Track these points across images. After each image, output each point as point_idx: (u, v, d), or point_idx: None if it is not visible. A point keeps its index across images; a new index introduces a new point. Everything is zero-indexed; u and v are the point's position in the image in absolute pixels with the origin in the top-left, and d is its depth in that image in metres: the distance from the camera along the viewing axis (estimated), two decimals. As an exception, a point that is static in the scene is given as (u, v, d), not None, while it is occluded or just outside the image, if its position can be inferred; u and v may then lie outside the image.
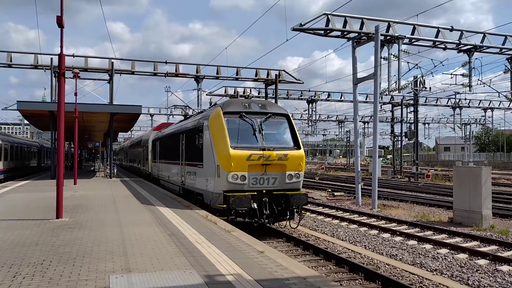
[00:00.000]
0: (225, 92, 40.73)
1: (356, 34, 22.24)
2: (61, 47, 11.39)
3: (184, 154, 16.69)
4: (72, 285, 5.56)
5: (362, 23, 22.02)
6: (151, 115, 64.00)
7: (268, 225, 13.32)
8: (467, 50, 26.42)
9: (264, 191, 12.49)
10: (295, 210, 12.87)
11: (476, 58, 27.49)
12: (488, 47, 26.15)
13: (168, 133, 21.48)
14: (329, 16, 20.89)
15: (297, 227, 13.60)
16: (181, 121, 21.77)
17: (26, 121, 54.88)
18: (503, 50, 27.59)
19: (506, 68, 30.19)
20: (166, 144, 22.07)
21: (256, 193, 12.30)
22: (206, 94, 39.41)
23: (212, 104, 26.37)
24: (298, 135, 13.52)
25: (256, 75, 36.41)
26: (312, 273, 6.28)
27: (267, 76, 36.45)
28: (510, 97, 35.17)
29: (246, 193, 12.03)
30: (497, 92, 36.52)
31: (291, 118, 13.74)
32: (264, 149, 12.36)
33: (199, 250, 7.58)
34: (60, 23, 11.02)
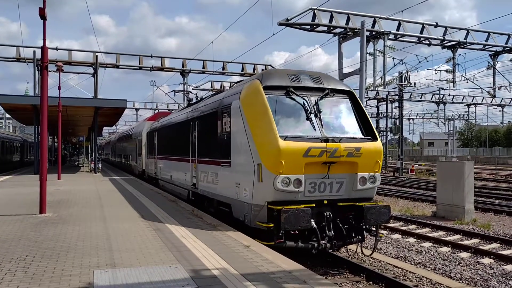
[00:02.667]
0: (211, 86, 40.58)
1: (342, 30, 22.34)
2: (44, 39, 11.20)
3: (197, 148, 12.85)
4: (55, 281, 5.50)
5: (348, 19, 22.12)
6: (137, 110, 63.49)
7: (331, 251, 9.30)
8: (451, 46, 26.74)
9: (325, 202, 8.73)
10: (367, 228, 9.05)
11: (460, 54, 27.93)
12: (472, 44, 26.52)
13: (171, 122, 17.37)
14: (315, 11, 20.93)
15: (372, 253, 9.50)
16: (189, 105, 17.00)
17: (8, 115, 53.97)
18: (486, 47, 28.01)
19: (489, 64, 30.69)
20: (167, 136, 17.98)
21: (314, 204, 8.47)
22: (192, 89, 39.20)
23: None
24: (370, 120, 9.68)
25: (242, 70, 36.36)
26: (297, 267, 6.31)
27: (254, 71, 36.41)
28: (492, 93, 35.77)
29: (302, 205, 8.23)
30: (480, 88, 37.14)
31: (357, 97, 9.88)
32: (326, 140, 8.56)
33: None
34: (42, 15, 10.82)
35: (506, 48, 28.13)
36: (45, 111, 11.25)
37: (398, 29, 23.35)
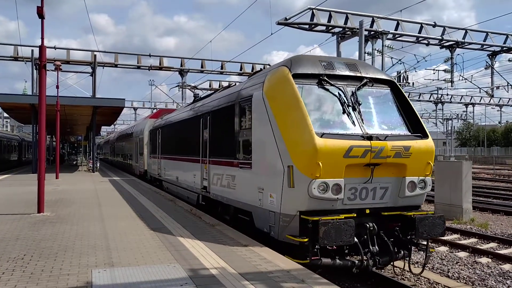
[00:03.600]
0: (210, 86, 40.57)
1: (341, 29, 22.33)
2: (42, 38, 11.18)
3: (209, 147, 11.41)
4: (53, 280, 5.49)
5: (347, 18, 22.12)
6: (135, 109, 63.35)
7: (374, 269, 7.81)
8: (449, 46, 26.78)
9: (367, 211, 7.44)
10: (414, 242, 7.78)
11: (458, 54, 27.99)
12: (470, 43, 26.56)
13: (177, 119, 15.88)
14: (314, 10, 20.93)
15: (422, 272, 8.07)
16: (196, 100, 15.59)
17: (6, 114, 53.85)
18: (484, 47, 28.03)
19: (487, 64, 30.74)
20: (173, 134, 16.60)
21: (355, 214, 7.23)
22: (190, 89, 39.18)
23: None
24: (417, 114, 8.32)
25: (241, 69, 36.34)
26: (295, 266, 6.32)
27: (252, 70, 36.40)
28: (490, 92, 35.82)
29: (342, 216, 6.99)
30: (478, 88, 37.18)
31: (400, 87, 8.54)
32: (370, 138, 7.26)
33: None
34: (40, 13, 10.81)
35: (504, 48, 28.18)
36: (43, 110, 11.23)
37: (396, 29, 23.38)
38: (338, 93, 7.78)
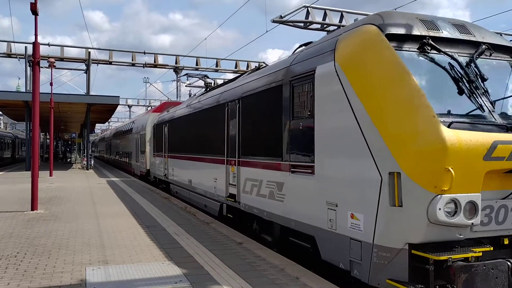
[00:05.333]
0: (205, 83, 40.51)
1: (336, 27, 22.35)
2: (36, 35, 11.12)
3: (238, 143, 8.99)
4: (47, 277, 5.47)
5: (342, 16, 22.14)
6: (129, 106, 63.24)
7: None
8: (443, 44, 26.90)
9: (505, 242, 5.02)
10: None
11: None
12: (464, 42, 26.66)
13: (192, 110, 13.30)
14: (308, 8, 20.92)
15: None
16: (211, 89, 13.67)
17: (-1, 111, 53.52)
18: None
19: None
20: (185, 128, 13.97)
21: (491, 248, 4.87)
22: (186, 86, 39.13)
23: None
24: None
25: (236, 67, 36.30)
26: (290, 263, 6.33)
27: (247, 68, 36.37)
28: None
29: (477, 251, 4.70)
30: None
31: None
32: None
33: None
34: (34, 10, 10.74)
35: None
36: (37, 107, 11.17)
37: (391, 27, 23.45)
38: (450, 63, 5.39)
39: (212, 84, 16.45)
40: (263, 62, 38.53)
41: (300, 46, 8.08)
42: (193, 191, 12.72)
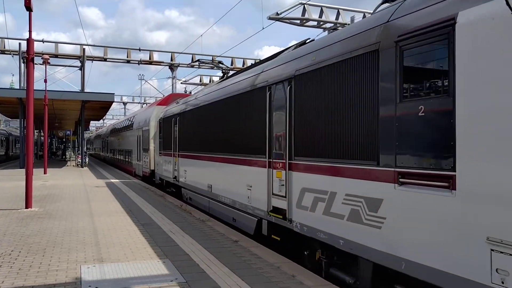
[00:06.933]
0: (200, 80, 40.51)
1: (332, 25, 22.36)
2: (30, 31, 11.03)
3: (290, 140, 6.77)
4: (42, 276, 5.43)
5: (338, 14, 22.14)
6: (124, 104, 63.00)
7: None
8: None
9: None
10: None
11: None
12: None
13: (213, 98, 10.85)
14: (305, 5, 20.91)
15: None
16: (231, 75, 12.20)
17: (-7, 108, 53.18)
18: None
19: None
20: (204, 121, 11.46)
21: None
22: (181, 83, 39.08)
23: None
24: None
25: (232, 64, 36.24)
26: (286, 261, 6.32)
27: (243, 65, 36.34)
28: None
29: None
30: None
31: None
32: None
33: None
34: (28, 6, 10.64)
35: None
36: (31, 104, 11.09)
37: (387, 25, 23.49)
38: None
39: (226, 73, 14.92)
40: (259, 59, 38.47)
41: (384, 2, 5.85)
42: (215, 199, 10.44)
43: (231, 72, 14.13)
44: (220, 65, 15.83)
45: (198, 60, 17.28)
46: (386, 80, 4.76)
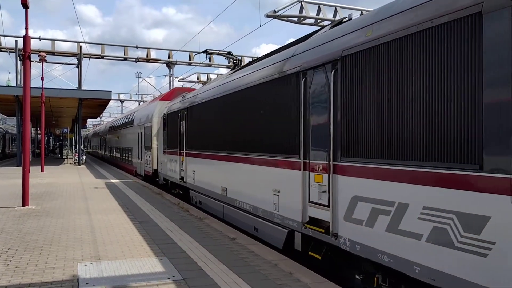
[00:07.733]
0: (198, 78, 40.44)
1: (330, 22, 22.36)
2: (26, 28, 10.98)
3: (334, 137, 5.51)
4: (39, 273, 5.42)
5: (336, 11, 22.14)
6: (122, 101, 62.91)
7: None
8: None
9: None
10: None
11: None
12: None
13: (228, 89, 9.51)
14: (302, 3, 20.90)
15: None
16: (234, 70, 11.88)
17: (-11, 106, 52.97)
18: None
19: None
20: (218, 115, 10.21)
21: None
22: (179, 80, 38.93)
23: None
24: None
25: (229, 62, 36.19)
26: (283, 258, 6.33)
27: (240, 63, 36.31)
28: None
29: None
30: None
31: None
32: None
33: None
34: (24, 3, 10.60)
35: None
36: (28, 102, 11.05)
37: (384, 23, 23.51)
38: None
39: (238, 63, 14.13)
40: (257, 57, 38.39)
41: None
42: (231, 205, 9.20)
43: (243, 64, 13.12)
44: (229, 56, 14.77)
45: (205, 51, 16.04)
46: (497, 51, 3.40)
